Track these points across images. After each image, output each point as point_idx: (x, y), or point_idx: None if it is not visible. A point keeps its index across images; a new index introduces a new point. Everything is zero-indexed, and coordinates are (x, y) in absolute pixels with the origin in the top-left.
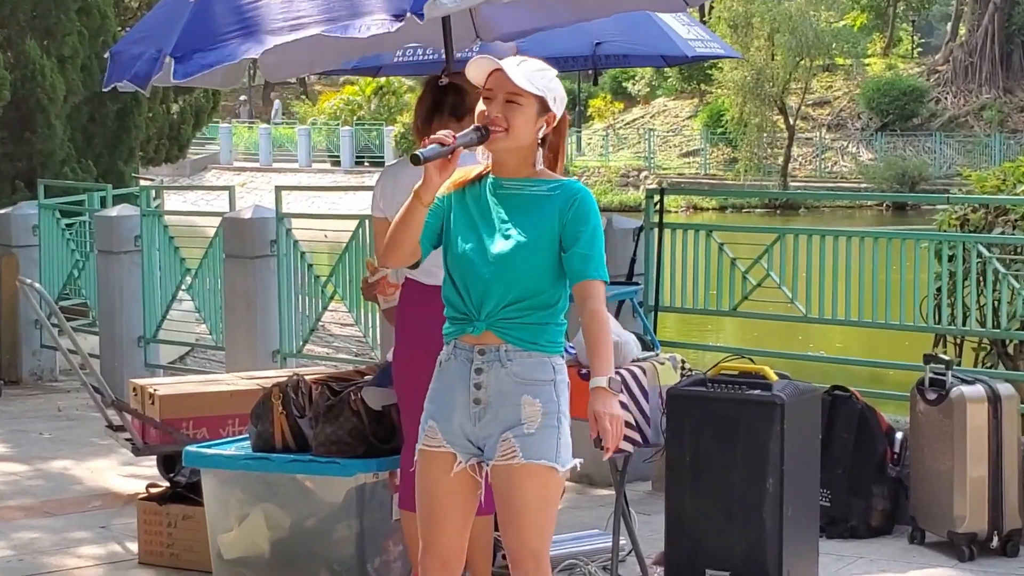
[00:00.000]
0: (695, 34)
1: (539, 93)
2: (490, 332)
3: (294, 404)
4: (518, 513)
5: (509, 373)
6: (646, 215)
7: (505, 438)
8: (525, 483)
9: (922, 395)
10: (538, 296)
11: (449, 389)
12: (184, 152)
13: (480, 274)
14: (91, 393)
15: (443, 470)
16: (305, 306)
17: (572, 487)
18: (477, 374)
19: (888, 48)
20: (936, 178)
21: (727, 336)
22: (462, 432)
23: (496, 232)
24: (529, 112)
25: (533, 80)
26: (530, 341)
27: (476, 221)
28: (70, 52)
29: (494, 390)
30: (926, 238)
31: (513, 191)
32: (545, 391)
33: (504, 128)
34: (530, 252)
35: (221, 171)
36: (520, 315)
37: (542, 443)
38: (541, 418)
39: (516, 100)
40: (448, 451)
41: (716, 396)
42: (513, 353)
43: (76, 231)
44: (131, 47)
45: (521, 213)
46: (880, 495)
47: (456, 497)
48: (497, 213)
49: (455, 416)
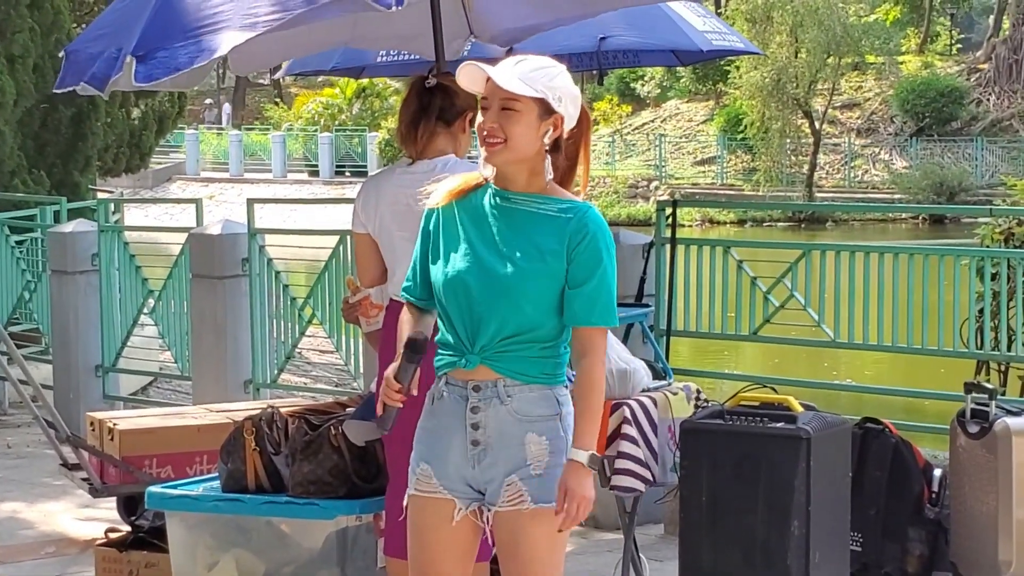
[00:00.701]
0: (711, 26)
1: (538, 95)
2: (484, 366)
3: (268, 440)
4: (527, 563)
5: (510, 410)
6: (657, 230)
7: (511, 482)
8: (534, 530)
9: (963, 428)
10: (538, 330)
11: (443, 429)
12: (146, 161)
13: (474, 302)
14: (44, 428)
15: (441, 518)
16: (280, 331)
17: (576, 530)
18: (474, 413)
19: (924, 44)
20: (977, 188)
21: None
22: (459, 476)
23: (495, 253)
24: (529, 118)
25: (530, 81)
26: (529, 374)
27: (472, 238)
28: (20, 51)
29: (494, 430)
30: (967, 254)
31: (517, 206)
32: (551, 427)
33: (502, 140)
34: (532, 281)
35: (187, 182)
36: (521, 348)
37: (552, 484)
38: (548, 457)
39: (512, 107)
40: (446, 497)
41: (735, 430)
42: (512, 388)
43: (27, 249)
44: (88, 45)
45: (525, 234)
46: (917, 539)
47: (456, 548)
48: (497, 231)
49: (451, 458)
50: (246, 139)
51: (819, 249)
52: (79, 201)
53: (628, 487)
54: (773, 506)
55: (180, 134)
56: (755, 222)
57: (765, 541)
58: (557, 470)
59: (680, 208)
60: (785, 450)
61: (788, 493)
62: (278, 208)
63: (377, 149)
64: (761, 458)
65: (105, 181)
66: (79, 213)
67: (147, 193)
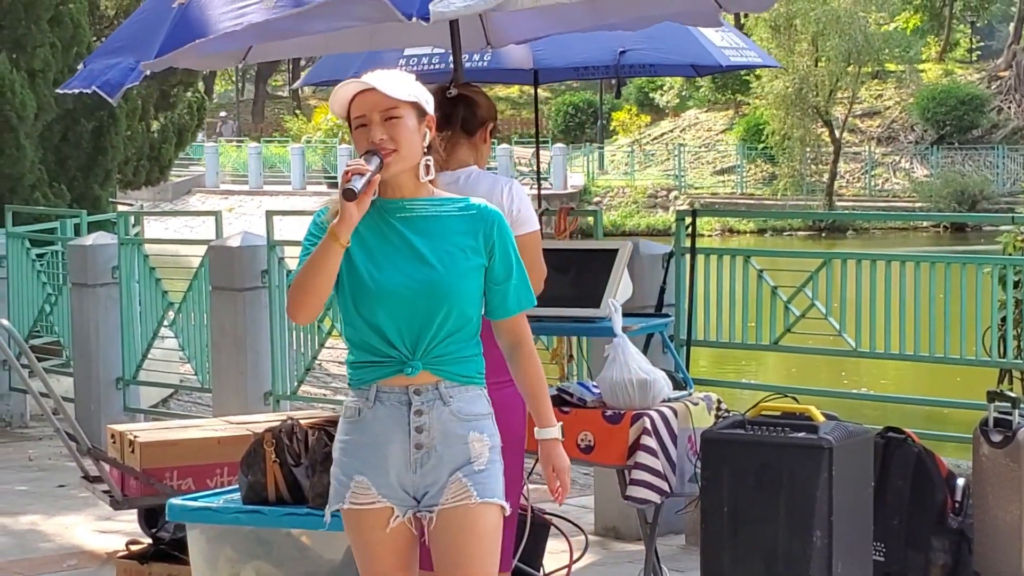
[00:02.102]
0: (729, 41)
1: (412, 99)
2: (425, 371)
3: (288, 451)
4: (470, 558)
5: (452, 411)
6: (677, 239)
7: (455, 479)
8: (479, 523)
9: (986, 437)
10: (469, 324)
11: (378, 438)
12: (166, 174)
13: (414, 308)
14: (65, 440)
15: (378, 527)
16: (300, 343)
17: (597, 541)
18: (418, 416)
19: (944, 52)
20: (999, 196)
21: (768, 373)
22: (398, 484)
23: (419, 259)
24: (411, 123)
25: (404, 88)
26: (465, 375)
27: (389, 252)
28: (41, 66)
29: (438, 431)
30: (989, 262)
31: (419, 213)
32: (488, 425)
33: (394, 149)
34: (465, 280)
35: (207, 195)
36: (456, 348)
37: (494, 480)
38: (488, 453)
39: (395, 115)
40: (384, 506)
41: (756, 440)
42: (452, 389)
43: (48, 262)
44: (106, 58)
45: (436, 237)
46: (940, 548)
47: (400, 554)
48: (410, 237)
49: (390, 467)
50: (265, 151)
51: (840, 258)
52: (99, 214)
53: (643, 499)
54: (795, 516)
55: (199, 146)
56: (775, 231)
57: (787, 551)
58: (495, 465)
59: (700, 218)
60: (807, 460)
61: (810, 503)
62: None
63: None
64: (783, 468)
65: (125, 194)
66: (99, 226)
67: (167, 206)
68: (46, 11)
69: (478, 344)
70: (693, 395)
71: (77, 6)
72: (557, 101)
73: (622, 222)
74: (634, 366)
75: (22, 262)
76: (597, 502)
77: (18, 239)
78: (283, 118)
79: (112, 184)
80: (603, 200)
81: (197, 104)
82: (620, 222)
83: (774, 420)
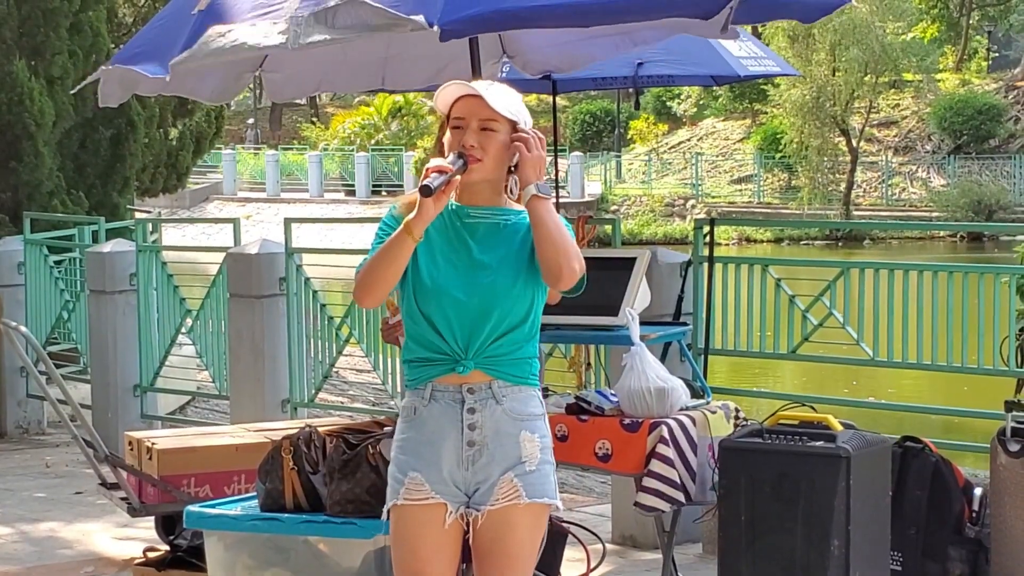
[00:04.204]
0: (747, 50)
1: (512, 117)
2: (478, 370)
3: (306, 459)
4: (513, 557)
5: (505, 410)
6: (694, 248)
7: (506, 479)
8: (525, 523)
9: (1003, 446)
10: (523, 326)
11: (433, 435)
12: (184, 181)
13: (466, 309)
14: (82, 447)
15: (433, 524)
16: (317, 350)
17: (614, 549)
18: (471, 414)
19: (961, 62)
20: (1016, 206)
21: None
22: (451, 480)
23: (476, 264)
24: (504, 138)
25: (507, 104)
26: (519, 375)
27: (448, 253)
28: (60, 73)
29: (490, 429)
30: (1006, 272)
31: (482, 219)
32: (540, 426)
33: (480, 159)
34: (513, 281)
35: (224, 202)
36: (510, 350)
37: (544, 480)
38: (540, 454)
39: (491, 127)
40: (438, 502)
41: (774, 448)
42: (504, 389)
43: (66, 269)
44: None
45: (494, 243)
46: (957, 558)
47: (446, 551)
48: (471, 243)
49: (443, 464)
50: (283, 159)
51: (858, 267)
52: (117, 221)
53: (651, 506)
54: (813, 525)
55: (217, 154)
56: (792, 240)
57: (805, 560)
58: (547, 467)
59: (717, 226)
60: (825, 469)
61: (828, 512)
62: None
63: (413, 168)
64: (801, 477)
65: (143, 201)
66: (117, 233)
67: (184, 213)
68: (65, 19)
69: (534, 346)
70: (711, 404)
71: (96, 14)
72: (575, 109)
73: (639, 231)
74: (652, 375)
75: (40, 269)
76: (615, 510)
77: (36, 246)
78: (300, 126)
79: (130, 191)
80: (620, 209)
81: (215, 112)
82: (637, 231)
83: (792, 429)
